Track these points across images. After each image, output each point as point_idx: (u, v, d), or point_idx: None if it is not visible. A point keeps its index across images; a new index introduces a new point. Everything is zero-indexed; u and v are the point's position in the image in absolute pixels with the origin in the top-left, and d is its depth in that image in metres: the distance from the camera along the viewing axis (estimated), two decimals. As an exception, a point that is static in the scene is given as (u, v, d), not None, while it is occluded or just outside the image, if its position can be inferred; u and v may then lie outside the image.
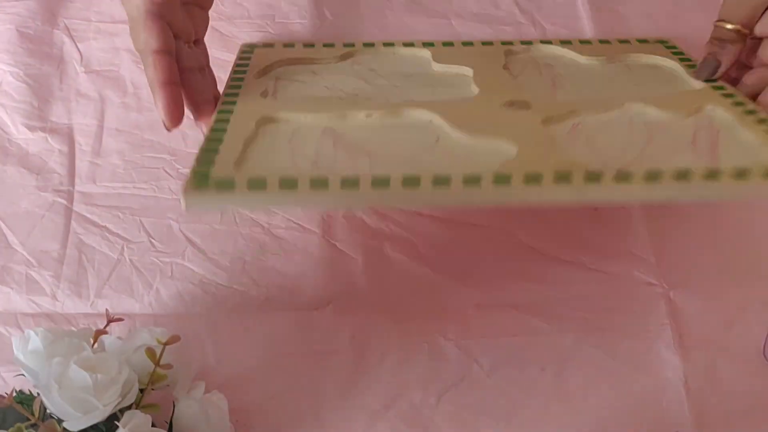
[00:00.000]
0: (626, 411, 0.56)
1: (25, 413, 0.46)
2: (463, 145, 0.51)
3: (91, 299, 0.58)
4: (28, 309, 0.58)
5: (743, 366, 0.58)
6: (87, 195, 0.62)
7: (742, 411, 0.57)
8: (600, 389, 0.57)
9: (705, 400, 0.57)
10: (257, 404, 0.55)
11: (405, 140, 0.52)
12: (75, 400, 0.45)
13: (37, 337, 0.48)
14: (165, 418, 0.50)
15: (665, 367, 0.58)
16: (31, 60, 0.66)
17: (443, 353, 0.58)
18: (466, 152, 0.51)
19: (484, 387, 0.57)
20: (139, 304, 0.58)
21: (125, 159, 0.63)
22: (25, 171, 0.62)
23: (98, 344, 0.49)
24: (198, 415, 0.49)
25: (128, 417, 0.46)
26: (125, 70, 0.67)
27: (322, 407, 0.56)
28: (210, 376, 0.54)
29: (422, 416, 0.55)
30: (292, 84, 0.58)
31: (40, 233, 0.60)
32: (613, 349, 0.58)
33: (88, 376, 0.45)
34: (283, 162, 0.49)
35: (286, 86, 0.58)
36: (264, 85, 0.57)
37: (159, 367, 0.48)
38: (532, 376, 0.57)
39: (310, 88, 0.58)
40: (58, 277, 0.59)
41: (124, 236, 0.60)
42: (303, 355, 0.57)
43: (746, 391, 0.57)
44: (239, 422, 0.54)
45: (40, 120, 0.64)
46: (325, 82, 0.58)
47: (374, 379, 0.57)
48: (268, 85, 0.58)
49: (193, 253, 0.60)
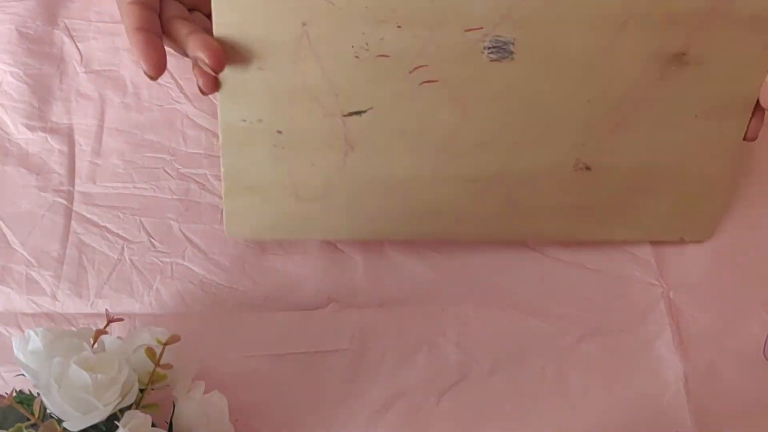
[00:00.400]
0: (626, 411, 0.56)
1: (25, 413, 0.46)
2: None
3: (91, 299, 0.58)
4: (28, 309, 0.58)
5: (743, 366, 0.58)
6: (87, 195, 0.62)
7: (742, 411, 0.57)
8: (600, 389, 0.57)
9: (705, 400, 0.57)
10: (257, 404, 0.55)
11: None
12: (75, 400, 0.45)
13: (37, 337, 0.48)
14: (165, 418, 0.50)
15: (665, 366, 0.58)
16: (31, 60, 0.66)
17: (443, 353, 0.58)
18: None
19: (484, 387, 0.57)
20: (139, 304, 0.58)
21: (125, 159, 0.63)
22: (25, 171, 0.62)
23: (98, 344, 0.49)
24: (198, 415, 0.49)
25: (128, 417, 0.46)
26: (125, 70, 0.67)
27: (322, 407, 0.55)
28: (210, 376, 0.54)
29: (422, 416, 0.55)
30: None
31: (40, 233, 0.60)
32: (613, 349, 0.58)
33: (88, 376, 0.45)
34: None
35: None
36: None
37: (159, 367, 0.48)
38: (532, 376, 0.57)
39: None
40: (58, 277, 0.59)
41: (124, 236, 0.60)
42: (303, 355, 0.57)
43: (746, 391, 0.57)
44: (239, 422, 0.54)
45: (40, 120, 0.64)
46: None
47: (374, 379, 0.57)
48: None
49: (193, 253, 0.60)
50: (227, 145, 0.54)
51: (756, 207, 0.64)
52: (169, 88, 0.66)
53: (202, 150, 0.64)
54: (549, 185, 0.57)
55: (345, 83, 0.52)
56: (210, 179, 0.62)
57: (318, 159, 0.54)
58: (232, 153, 0.54)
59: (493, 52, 0.52)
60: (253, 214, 0.56)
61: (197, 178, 0.63)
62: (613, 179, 0.57)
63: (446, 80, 0.52)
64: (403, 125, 0.53)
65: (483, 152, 0.55)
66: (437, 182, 0.56)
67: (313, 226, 0.56)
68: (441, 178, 0.56)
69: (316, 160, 0.54)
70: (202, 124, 0.65)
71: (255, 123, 0.53)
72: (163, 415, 0.49)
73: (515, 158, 0.55)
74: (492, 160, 0.55)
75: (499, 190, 0.56)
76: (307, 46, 0.51)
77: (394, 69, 0.52)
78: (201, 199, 0.62)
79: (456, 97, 0.53)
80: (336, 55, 0.51)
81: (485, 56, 0.52)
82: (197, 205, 0.61)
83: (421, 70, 0.52)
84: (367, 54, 0.51)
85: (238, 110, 0.53)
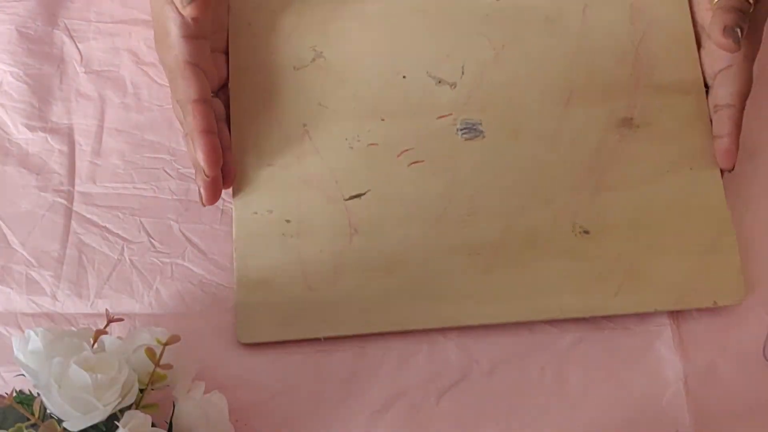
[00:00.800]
0: (626, 411, 0.56)
1: (25, 413, 0.46)
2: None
3: (91, 299, 0.58)
4: (28, 309, 0.58)
5: (743, 366, 0.58)
6: (87, 195, 0.62)
7: (742, 411, 0.56)
8: (600, 389, 0.57)
9: (705, 401, 0.57)
10: (257, 404, 0.55)
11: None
12: (75, 400, 0.45)
13: (37, 337, 0.48)
14: (165, 418, 0.50)
15: (665, 366, 0.58)
16: (31, 60, 0.66)
17: (443, 353, 0.58)
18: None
19: (484, 387, 0.57)
20: (139, 304, 0.58)
21: (125, 159, 0.63)
22: (25, 171, 0.62)
23: (98, 344, 0.49)
24: (198, 415, 0.49)
25: (128, 417, 0.46)
26: (125, 71, 0.67)
27: (321, 407, 0.55)
28: (210, 376, 0.54)
29: (422, 416, 0.55)
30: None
31: (40, 233, 0.60)
32: (613, 348, 0.58)
33: (88, 376, 0.45)
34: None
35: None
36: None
37: (159, 367, 0.48)
38: (531, 376, 0.57)
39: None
40: (58, 277, 0.59)
41: (124, 236, 0.60)
42: (303, 355, 0.57)
43: (746, 392, 0.57)
44: (239, 422, 0.54)
45: (40, 120, 0.64)
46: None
47: (374, 379, 0.57)
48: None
49: (193, 253, 0.60)
50: (240, 237, 0.58)
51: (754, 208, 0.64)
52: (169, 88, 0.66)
53: (202, 150, 0.64)
54: (553, 250, 0.58)
55: (343, 170, 0.59)
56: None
57: (326, 244, 0.58)
58: (244, 245, 0.58)
59: (465, 133, 0.60)
60: (266, 313, 0.56)
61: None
62: (615, 241, 0.58)
63: (431, 159, 0.59)
64: (399, 203, 0.59)
65: (478, 221, 0.59)
66: (441, 255, 0.58)
67: (325, 321, 0.56)
68: (444, 250, 0.58)
69: (324, 246, 0.58)
70: (202, 124, 0.65)
71: (266, 214, 0.58)
72: (163, 415, 0.49)
73: (512, 224, 0.58)
74: (489, 227, 0.58)
75: (503, 260, 0.58)
76: (309, 142, 0.60)
77: (384, 154, 0.60)
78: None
79: (442, 173, 0.59)
80: (333, 148, 0.60)
81: (460, 136, 0.60)
82: (197, 206, 0.61)
83: (408, 153, 0.60)
84: (359, 144, 0.60)
85: (250, 204, 0.59)
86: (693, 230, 0.59)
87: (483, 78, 0.61)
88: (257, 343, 0.56)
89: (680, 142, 0.61)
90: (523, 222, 0.58)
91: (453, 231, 0.58)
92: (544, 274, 0.58)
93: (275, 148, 0.60)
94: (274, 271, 0.57)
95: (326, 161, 0.59)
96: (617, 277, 0.58)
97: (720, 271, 0.58)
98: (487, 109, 0.61)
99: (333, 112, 0.61)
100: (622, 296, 0.57)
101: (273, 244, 0.58)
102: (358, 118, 0.60)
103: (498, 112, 0.61)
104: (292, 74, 0.62)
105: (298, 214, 0.58)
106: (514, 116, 0.60)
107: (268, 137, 0.60)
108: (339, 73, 0.62)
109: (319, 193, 0.59)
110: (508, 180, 0.59)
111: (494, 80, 0.62)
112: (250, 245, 0.58)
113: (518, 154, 0.60)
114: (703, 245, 0.59)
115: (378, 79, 0.62)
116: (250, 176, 0.59)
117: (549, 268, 0.58)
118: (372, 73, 0.62)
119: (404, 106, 0.61)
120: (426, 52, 0.62)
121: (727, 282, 0.58)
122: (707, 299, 0.58)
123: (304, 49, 0.62)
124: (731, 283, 0.58)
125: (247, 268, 0.57)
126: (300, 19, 0.63)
